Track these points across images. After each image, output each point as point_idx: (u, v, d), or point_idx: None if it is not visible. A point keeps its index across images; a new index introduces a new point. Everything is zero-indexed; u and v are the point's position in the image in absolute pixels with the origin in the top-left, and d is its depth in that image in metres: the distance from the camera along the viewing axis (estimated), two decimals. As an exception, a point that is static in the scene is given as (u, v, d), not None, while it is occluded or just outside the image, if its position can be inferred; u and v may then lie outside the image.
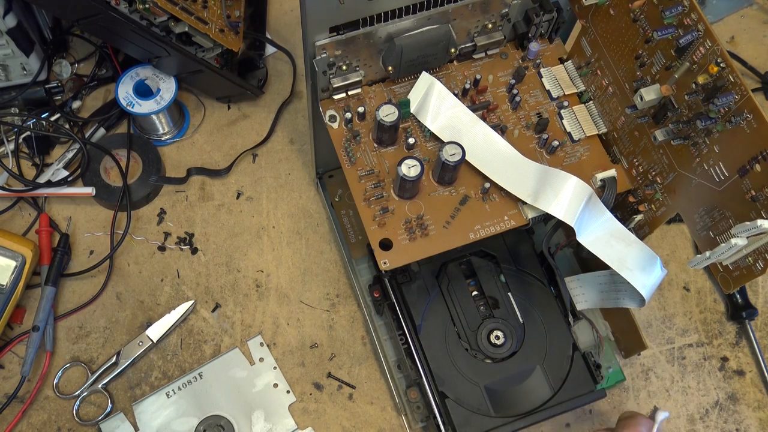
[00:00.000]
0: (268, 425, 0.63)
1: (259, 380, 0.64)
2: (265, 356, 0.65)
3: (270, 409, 0.63)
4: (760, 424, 0.65)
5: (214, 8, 0.67)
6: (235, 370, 0.65)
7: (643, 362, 0.67)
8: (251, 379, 0.64)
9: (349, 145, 0.55)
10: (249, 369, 0.65)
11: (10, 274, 0.63)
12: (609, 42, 0.53)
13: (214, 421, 0.63)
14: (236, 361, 0.65)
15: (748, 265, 0.46)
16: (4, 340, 0.65)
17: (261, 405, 0.64)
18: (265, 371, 0.65)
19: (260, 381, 0.64)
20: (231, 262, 0.69)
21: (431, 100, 0.54)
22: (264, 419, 0.63)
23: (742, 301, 0.68)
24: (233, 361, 0.65)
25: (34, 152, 0.72)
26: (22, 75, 0.70)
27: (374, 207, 0.53)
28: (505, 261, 0.62)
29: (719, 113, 0.45)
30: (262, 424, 0.63)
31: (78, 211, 0.71)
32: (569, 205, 0.50)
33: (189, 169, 0.72)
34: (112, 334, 0.66)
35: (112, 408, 0.63)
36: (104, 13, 0.61)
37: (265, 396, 0.64)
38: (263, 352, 0.65)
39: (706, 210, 0.48)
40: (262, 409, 0.63)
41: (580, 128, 0.56)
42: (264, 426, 0.63)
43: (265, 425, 0.63)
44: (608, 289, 0.58)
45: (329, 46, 0.50)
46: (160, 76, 0.70)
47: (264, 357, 0.65)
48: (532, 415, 0.58)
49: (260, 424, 0.63)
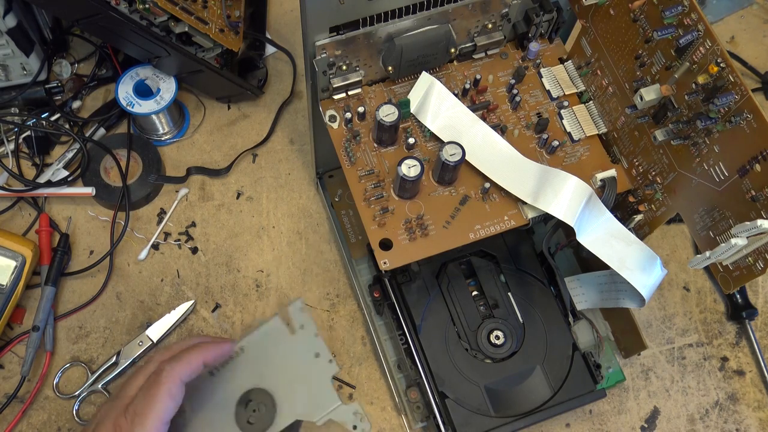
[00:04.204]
0: (311, 400, 0.60)
1: (300, 350, 0.61)
2: (306, 323, 0.62)
3: (312, 381, 0.60)
4: (760, 424, 0.65)
5: (214, 8, 0.67)
6: (276, 341, 0.61)
7: (643, 362, 0.67)
8: (293, 349, 0.61)
9: (349, 145, 0.54)
10: (290, 339, 0.62)
11: (10, 274, 0.63)
12: (609, 42, 0.53)
13: (256, 396, 0.59)
14: (277, 333, 0.62)
15: (748, 265, 0.46)
16: (4, 340, 0.65)
17: (303, 378, 0.60)
18: (307, 340, 0.61)
19: (302, 351, 0.61)
20: (231, 262, 0.69)
21: (431, 100, 0.54)
22: (307, 394, 0.60)
23: (742, 301, 0.68)
24: (274, 333, 0.62)
25: (34, 152, 0.72)
26: (22, 75, 0.70)
27: (374, 207, 0.53)
28: (505, 261, 0.62)
29: (719, 113, 0.45)
30: (305, 399, 0.60)
31: (78, 211, 0.71)
32: (569, 205, 0.50)
33: (189, 169, 0.72)
34: (112, 334, 0.66)
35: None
36: (104, 13, 0.61)
37: (307, 368, 0.61)
38: (304, 318, 0.62)
39: (706, 210, 0.48)
40: (304, 383, 0.60)
41: (580, 128, 0.56)
42: (307, 401, 0.60)
43: (308, 400, 0.60)
44: (608, 289, 0.58)
45: (329, 46, 0.50)
46: (160, 76, 0.70)
47: (305, 324, 0.62)
48: (532, 415, 0.58)
49: (303, 399, 0.59)
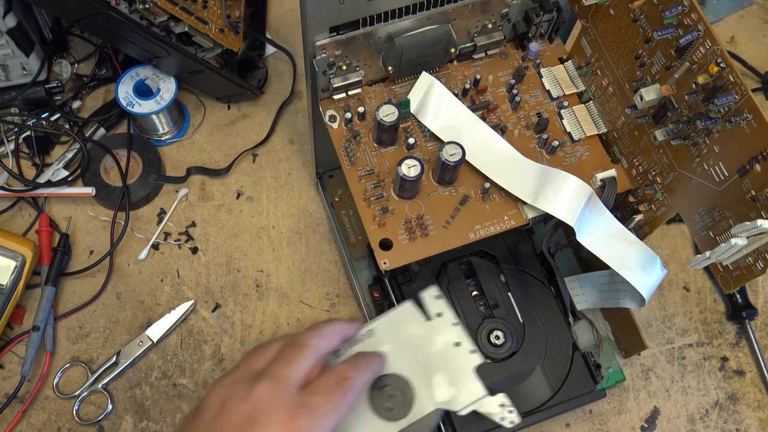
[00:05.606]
0: (452, 390, 0.54)
1: (438, 338, 0.55)
2: (443, 311, 0.56)
3: (453, 372, 0.54)
4: (760, 424, 0.65)
5: (214, 8, 0.67)
6: (410, 326, 0.56)
7: (643, 362, 0.67)
8: (429, 337, 0.55)
9: (349, 145, 0.54)
10: (425, 325, 0.56)
11: (10, 274, 0.63)
12: (609, 42, 0.53)
13: (392, 381, 0.54)
14: (410, 317, 0.56)
15: (748, 265, 0.46)
16: (4, 340, 0.65)
17: (442, 366, 0.54)
18: (445, 328, 0.56)
19: (439, 339, 0.55)
20: (231, 262, 0.69)
21: (431, 100, 0.54)
22: (447, 383, 0.54)
23: (742, 301, 0.68)
24: (407, 317, 0.56)
25: (34, 152, 0.72)
26: (22, 75, 0.70)
27: (374, 207, 0.53)
28: (505, 261, 0.62)
29: (719, 113, 0.45)
30: (445, 388, 0.54)
31: (78, 211, 0.71)
32: (569, 205, 0.50)
33: (189, 169, 0.72)
34: (112, 334, 0.66)
35: (112, 408, 0.63)
36: (104, 13, 0.61)
37: (446, 356, 0.55)
38: (440, 306, 0.56)
39: (706, 210, 0.48)
40: (443, 371, 0.54)
41: (580, 128, 0.56)
42: (447, 391, 0.54)
43: (448, 390, 0.54)
44: (608, 289, 0.58)
45: (329, 46, 0.50)
46: (160, 76, 0.70)
47: (442, 312, 0.56)
48: (532, 415, 0.58)
49: (443, 388, 0.54)
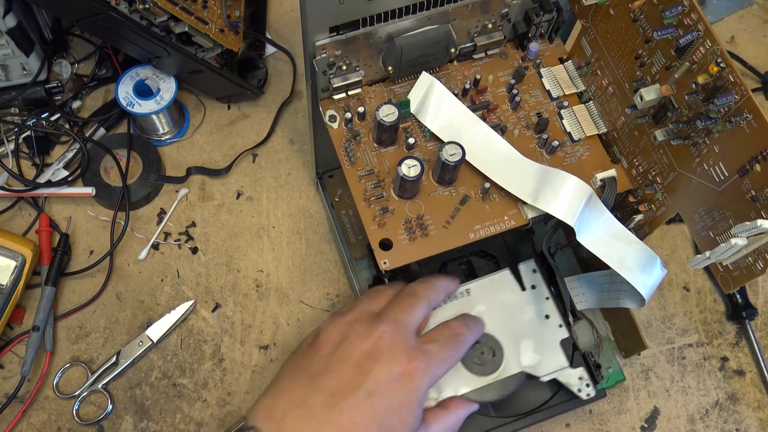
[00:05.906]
0: (537, 356, 0.58)
1: (529, 308, 0.59)
2: (537, 284, 0.60)
3: (540, 341, 0.58)
4: (760, 424, 0.65)
5: (214, 8, 0.67)
6: (505, 293, 0.59)
7: (643, 362, 0.67)
8: (521, 305, 0.59)
9: (349, 145, 0.54)
10: (520, 294, 0.59)
11: (10, 274, 0.63)
12: (609, 42, 0.53)
13: (484, 340, 0.58)
14: (506, 284, 0.60)
15: (748, 265, 0.45)
16: (4, 340, 0.65)
17: (531, 334, 0.58)
18: (537, 300, 0.59)
19: (531, 309, 0.59)
20: (231, 262, 0.69)
21: (431, 100, 0.54)
22: (533, 350, 0.58)
23: (742, 301, 0.68)
24: (503, 284, 0.60)
25: (34, 152, 0.72)
26: (22, 75, 0.70)
27: (374, 207, 0.53)
28: (505, 261, 0.62)
29: (719, 113, 0.45)
30: (531, 354, 0.58)
31: (78, 211, 0.71)
32: (569, 205, 0.50)
33: (189, 169, 0.72)
34: (112, 334, 0.66)
35: (112, 408, 0.63)
36: (104, 13, 0.61)
37: (535, 326, 0.59)
38: (536, 279, 0.60)
39: (706, 210, 0.48)
40: (531, 339, 0.58)
41: (580, 128, 0.56)
42: (533, 357, 0.58)
43: (534, 356, 0.58)
44: (608, 289, 0.58)
45: (329, 46, 0.50)
46: (160, 76, 0.70)
47: (537, 285, 0.60)
48: (532, 415, 0.58)
49: (529, 354, 0.58)
